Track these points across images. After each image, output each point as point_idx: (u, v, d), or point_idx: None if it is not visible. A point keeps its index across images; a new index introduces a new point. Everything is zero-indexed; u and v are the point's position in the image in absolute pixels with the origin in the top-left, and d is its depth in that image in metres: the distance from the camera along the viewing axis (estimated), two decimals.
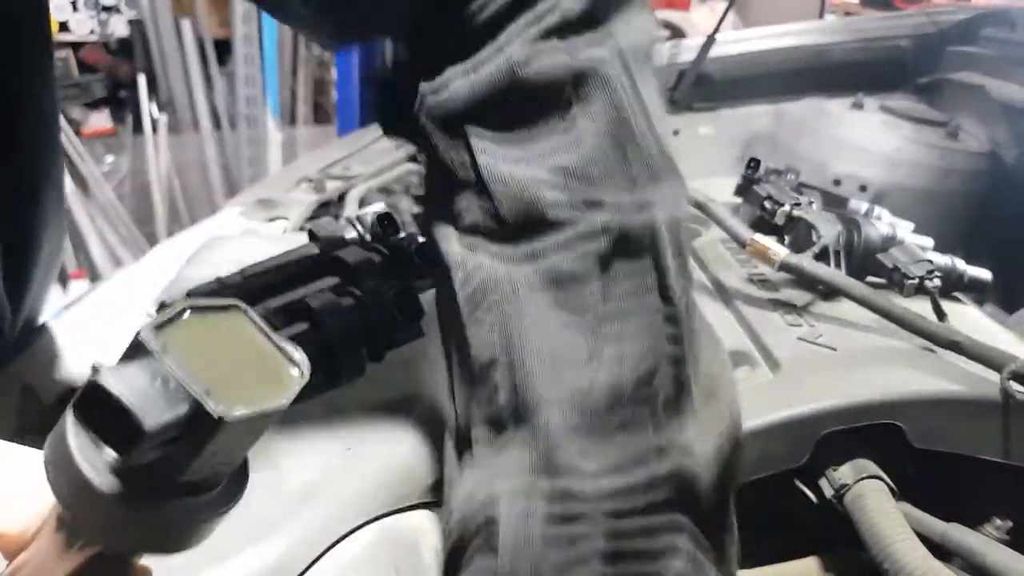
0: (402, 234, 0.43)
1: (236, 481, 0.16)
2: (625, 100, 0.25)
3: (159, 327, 0.14)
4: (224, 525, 0.29)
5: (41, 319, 0.47)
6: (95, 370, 0.14)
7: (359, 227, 0.45)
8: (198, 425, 0.14)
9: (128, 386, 0.13)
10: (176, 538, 0.16)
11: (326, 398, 0.37)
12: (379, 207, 0.46)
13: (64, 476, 0.14)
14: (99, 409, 0.13)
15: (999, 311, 0.67)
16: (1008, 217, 0.90)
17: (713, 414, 0.26)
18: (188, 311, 0.15)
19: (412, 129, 0.28)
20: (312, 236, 0.45)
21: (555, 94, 0.25)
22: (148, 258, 0.62)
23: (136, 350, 0.14)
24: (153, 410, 0.13)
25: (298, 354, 0.15)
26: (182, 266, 0.50)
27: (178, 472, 0.14)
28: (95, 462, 0.14)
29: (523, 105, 0.25)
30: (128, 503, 0.14)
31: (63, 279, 1.85)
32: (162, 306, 0.41)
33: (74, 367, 0.42)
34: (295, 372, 0.15)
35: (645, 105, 0.26)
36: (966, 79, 1.03)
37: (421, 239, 0.42)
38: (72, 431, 0.14)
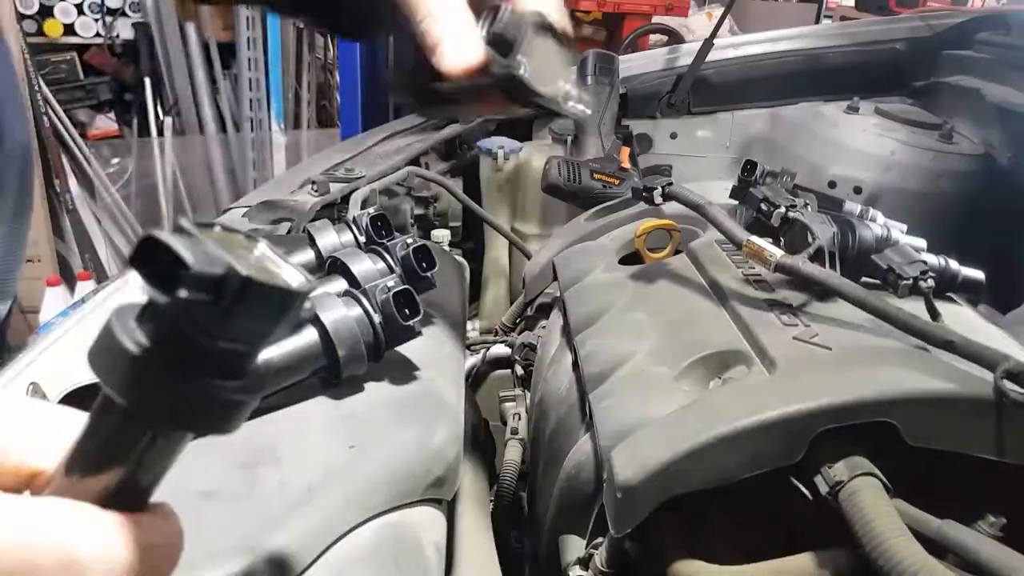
0: (397, 235, 0.44)
1: (255, 380, 0.18)
2: None
3: (197, 225, 0.17)
4: (229, 522, 0.29)
5: (47, 318, 0.47)
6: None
7: (354, 229, 0.45)
8: (228, 287, 0.16)
9: (176, 240, 0.16)
10: (200, 413, 0.17)
11: (328, 397, 0.38)
12: (373, 209, 0.46)
13: (105, 353, 0.17)
14: (151, 260, 0.16)
15: (993, 311, 0.68)
16: (1002, 218, 0.91)
17: None
18: (219, 227, 0.17)
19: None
20: (311, 238, 0.45)
21: None
22: None
23: (175, 231, 0.16)
24: (196, 259, 0.16)
25: (304, 271, 0.18)
26: None
27: (207, 336, 0.16)
28: (133, 333, 0.16)
29: None
30: (159, 363, 0.16)
31: (70, 280, 1.86)
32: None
33: (80, 365, 0.43)
34: (305, 277, 0.18)
35: None
36: (961, 82, 1.03)
37: (420, 240, 0.42)
38: (115, 315, 0.17)
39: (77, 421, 0.20)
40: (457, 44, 0.32)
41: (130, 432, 0.18)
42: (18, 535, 0.17)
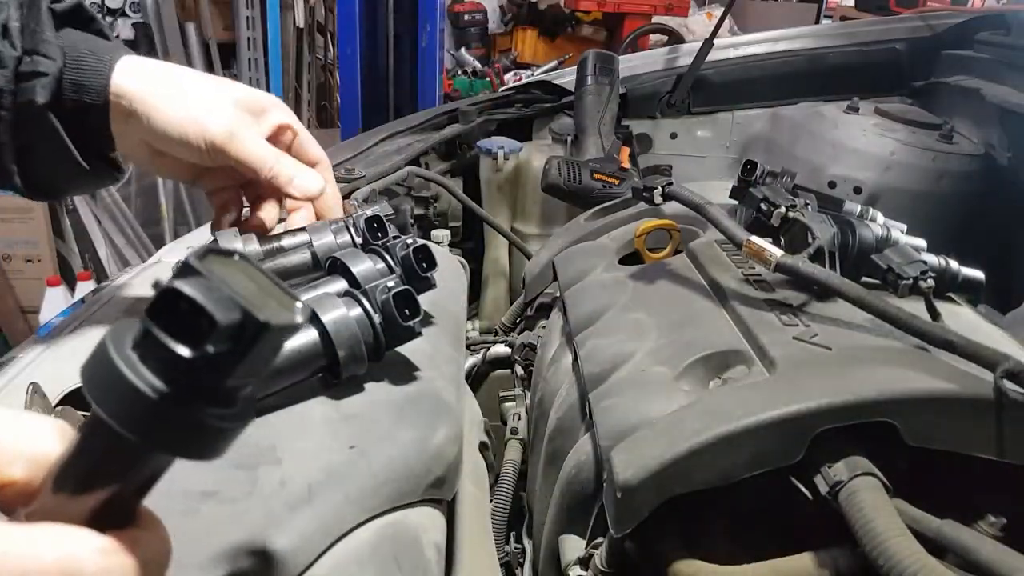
0: (394, 236, 0.44)
1: (246, 406, 0.19)
2: None
3: (199, 258, 0.17)
4: (229, 522, 0.29)
5: (47, 318, 0.48)
6: (158, 284, 0.16)
7: (352, 230, 0.45)
8: (247, 331, 0.16)
9: (197, 291, 0.16)
10: (204, 444, 0.18)
11: (328, 397, 0.38)
12: (370, 210, 0.46)
13: (108, 387, 0.17)
14: (170, 312, 0.16)
15: (993, 311, 0.68)
16: (1002, 218, 0.91)
17: None
18: (211, 253, 0.17)
19: None
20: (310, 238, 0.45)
21: None
22: (154, 259, 0.63)
23: (184, 272, 0.16)
24: (219, 311, 0.15)
25: (292, 291, 0.18)
26: None
27: (223, 377, 0.16)
28: (142, 373, 0.16)
29: None
30: (173, 404, 0.16)
31: (70, 280, 1.86)
32: (157, 284, 0.41)
33: (80, 365, 0.43)
34: (296, 302, 0.18)
35: None
36: (961, 82, 1.03)
37: (420, 240, 0.42)
38: (111, 343, 0.16)
39: (52, 431, 0.20)
40: (305, 179, 0.45)
41: (127, 457, 0.18)
42: (17, 563, 0.17)
